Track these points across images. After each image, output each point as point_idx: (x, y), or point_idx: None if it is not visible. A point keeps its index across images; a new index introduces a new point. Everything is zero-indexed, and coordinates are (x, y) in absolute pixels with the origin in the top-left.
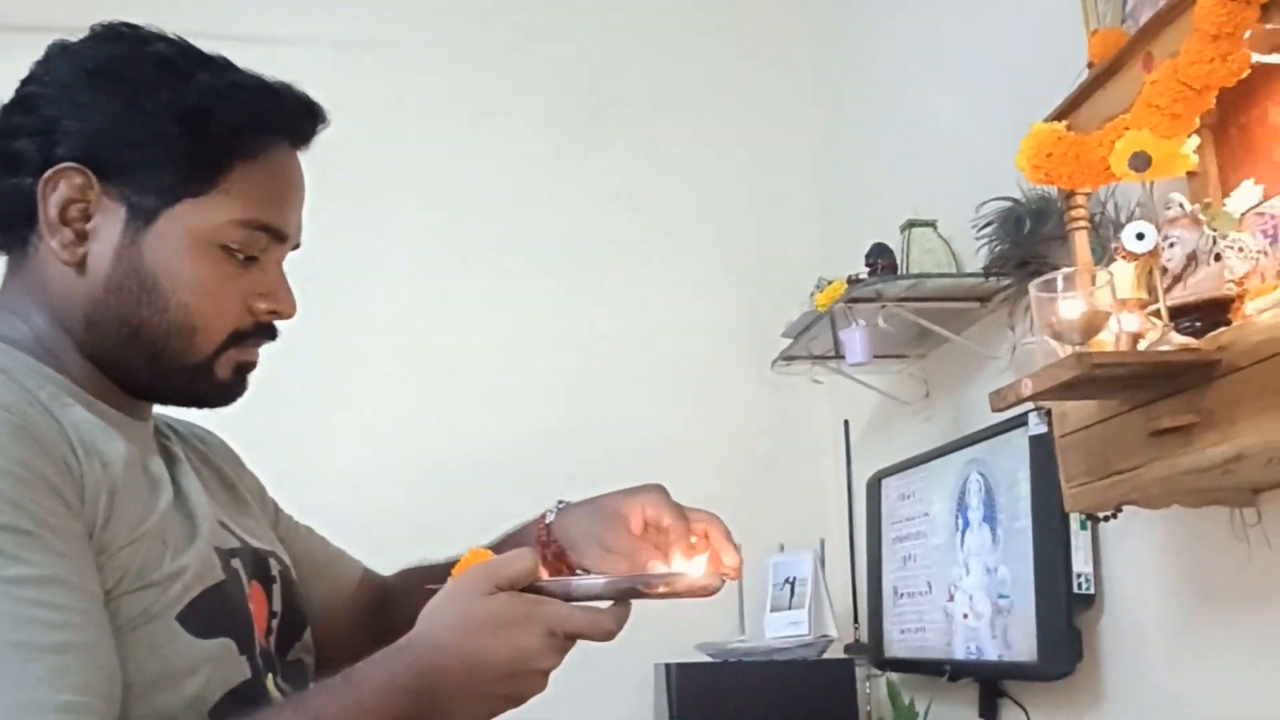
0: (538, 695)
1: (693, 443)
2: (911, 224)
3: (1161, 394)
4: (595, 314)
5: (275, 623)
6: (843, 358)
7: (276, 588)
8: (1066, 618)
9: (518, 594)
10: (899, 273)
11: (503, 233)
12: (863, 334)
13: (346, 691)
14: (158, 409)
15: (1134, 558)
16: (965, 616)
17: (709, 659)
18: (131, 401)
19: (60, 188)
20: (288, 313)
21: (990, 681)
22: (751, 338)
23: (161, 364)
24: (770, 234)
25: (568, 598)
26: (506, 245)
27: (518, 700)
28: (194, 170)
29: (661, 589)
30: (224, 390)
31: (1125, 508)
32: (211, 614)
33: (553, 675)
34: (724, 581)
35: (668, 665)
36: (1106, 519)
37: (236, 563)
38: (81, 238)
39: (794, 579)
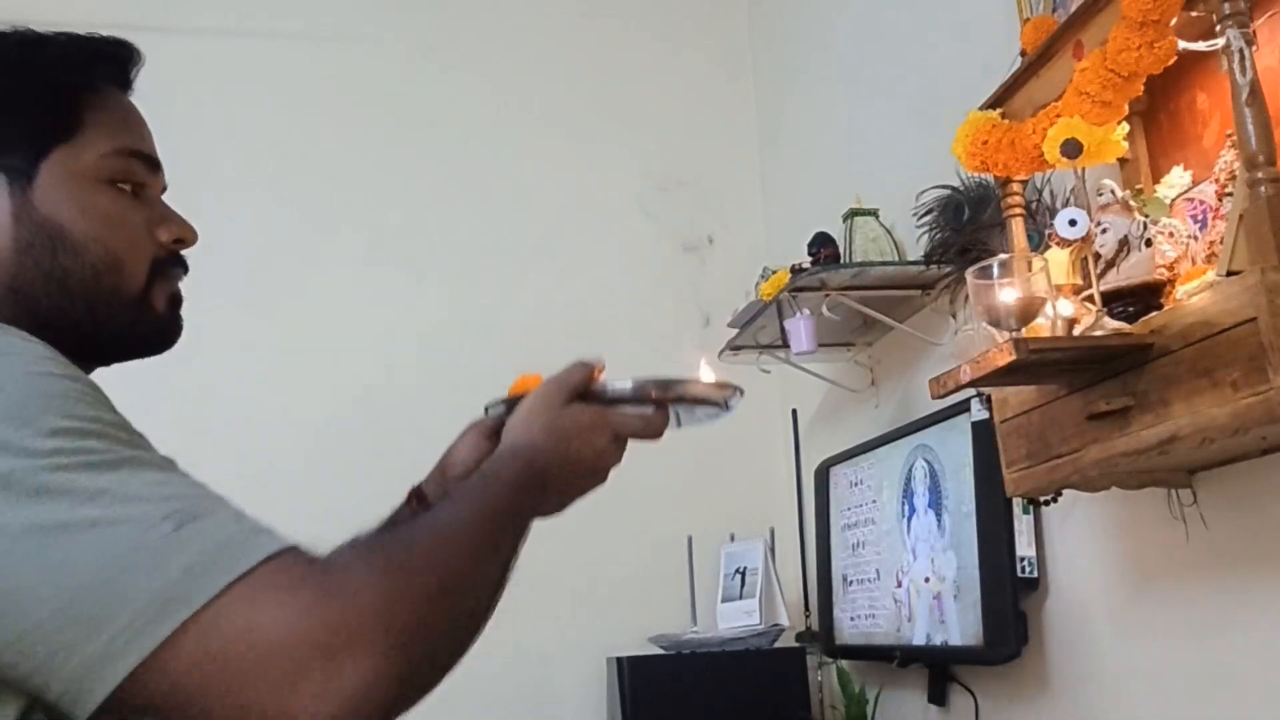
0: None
1: None
2: (854, 213)
3: (1098, 378)
4: (538, 304)
5: None
6: (789, 347)
7: None
8: (1012, 602)
9: (585, 404)
10: (842, 261)
11: (437, 219)
12: (808, 323)
13: (482, 490)
14: None
15: (1075, 541)
16: (913, 604)
17: (661, 651)
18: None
19: None
20: (191, 238)
21: (939, 667)
22: (697, 327)
23: (100, 307)
24: (714, 224)
25: (611, 400)
26: (440, 232)
27: (592, 487)
28: (48, 119)
29: (682, 392)
30: (165, 326)
31: (1066, 491)
32: None
33: (507, 671)
34: (736, 395)
35: (619, 659)
36: (1047, 503)
37: None
38: None
39: (745, 568)
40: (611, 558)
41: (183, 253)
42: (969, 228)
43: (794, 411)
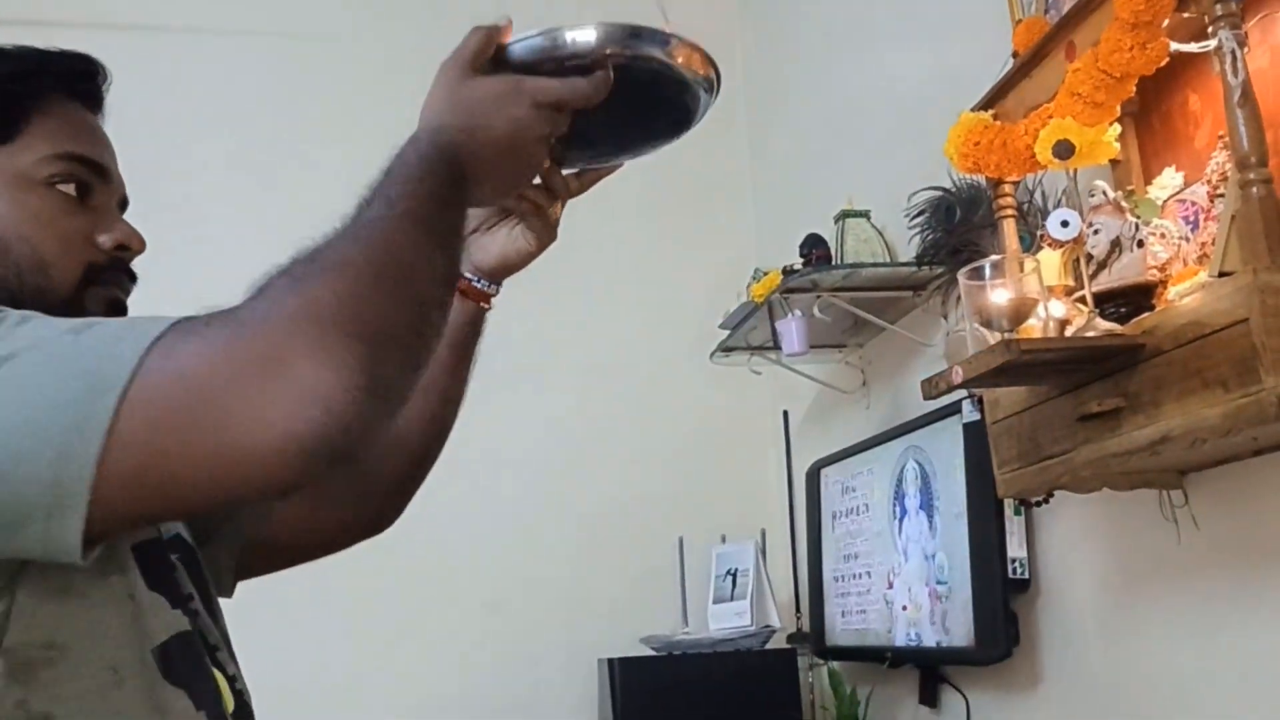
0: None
1: (632, 436)
2: (845, 214)
3: (1089, 379)
4: (528, 308)
5: (195, 604)
6: (780, 348)
7: (180, 575)
8: (1003, 603)
9: (496, 74)
10: (834, 263)
11: None
12: (799, 324)
13: (391, 185)
14: None
15: (1066, 542)
16: (904, 605)
17: (653, 652)
18: None
19: None
20: (136, 246)
21: (930, 667)
22: (689, 330)
23: (25, 306)
24: (705, 226)
25: (520, 61)
26: None
27: (528, 168)
28: None
29: (628, 50)
30: None
31: (1057, 492)
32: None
33: (499, 671)
34: (707, 79)
35: (611, 660)
36: (1039, 504)
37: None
38: None
39: (736, 570)
40: (602, 559)
41: (135, 263)
42: (960, 229)
43: (785, 413)
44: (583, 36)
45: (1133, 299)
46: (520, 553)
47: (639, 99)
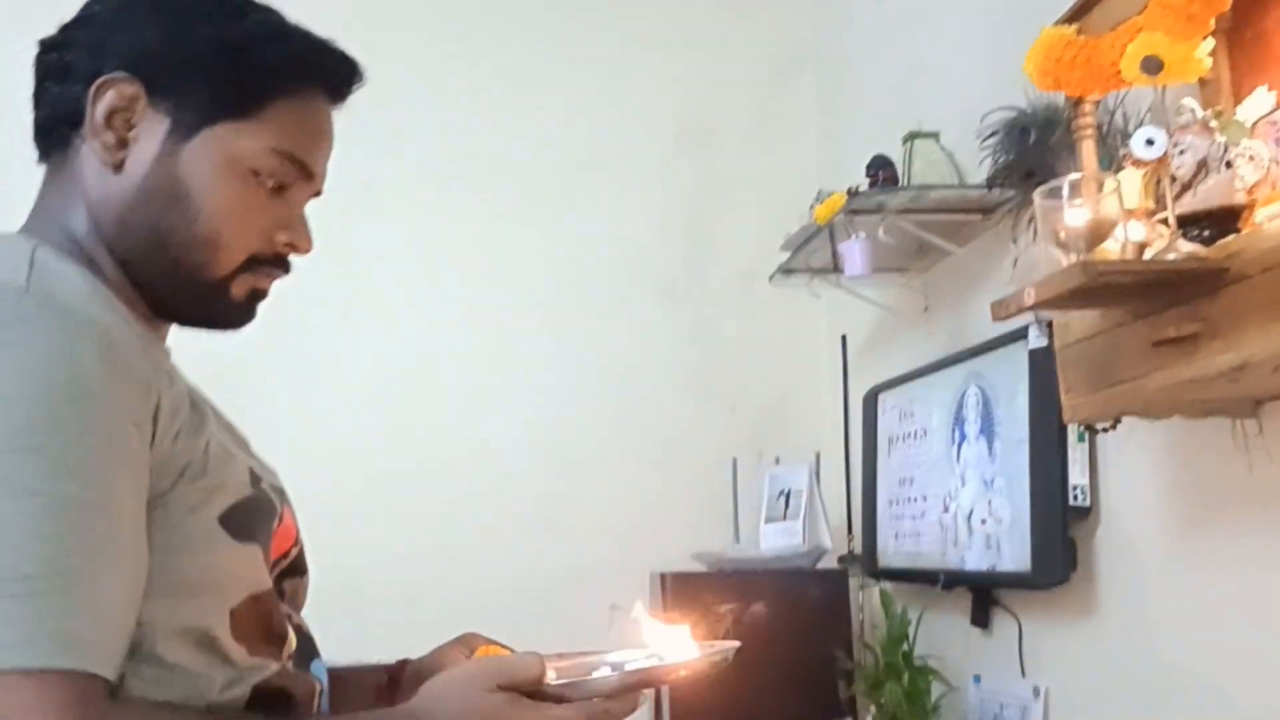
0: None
1: (689, 357)
2: (914, 136)
3: (1167, 304)
4: (586, 225)
5: (294, 551)
6: (841, 271)
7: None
8: (1062, 528)
9: (516, 696)
10: (900, 184)
11: (489, 144)
12: (863, 246)
13: None
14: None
15: (1131, 470)
16: (959, 528)
17: (704, 569)
18: (154, 322)
19: (109, 95)
20: (304, 248)
21: (983, 590)
22: (749, 251)
23: (181, 275)
24: (769, 146)
25: (566, 698)
26: (492, 158)
27: None
28: (236, 97)
29: (672, 679)
30: (235, 312)
31: (1125, 419)
32: (246, 521)
33: (552, 583)
34: (725, 659)
35: (663, 574)
36: (1105, 430)
37: (265, 486)
38: (123, 144)
39: (789, 491)
40: (657, 477)
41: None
42: (1034, 151)
43: (843, 338)
44: (622, 688)
45: (1217, 222)
46: (576, 469)
47: None
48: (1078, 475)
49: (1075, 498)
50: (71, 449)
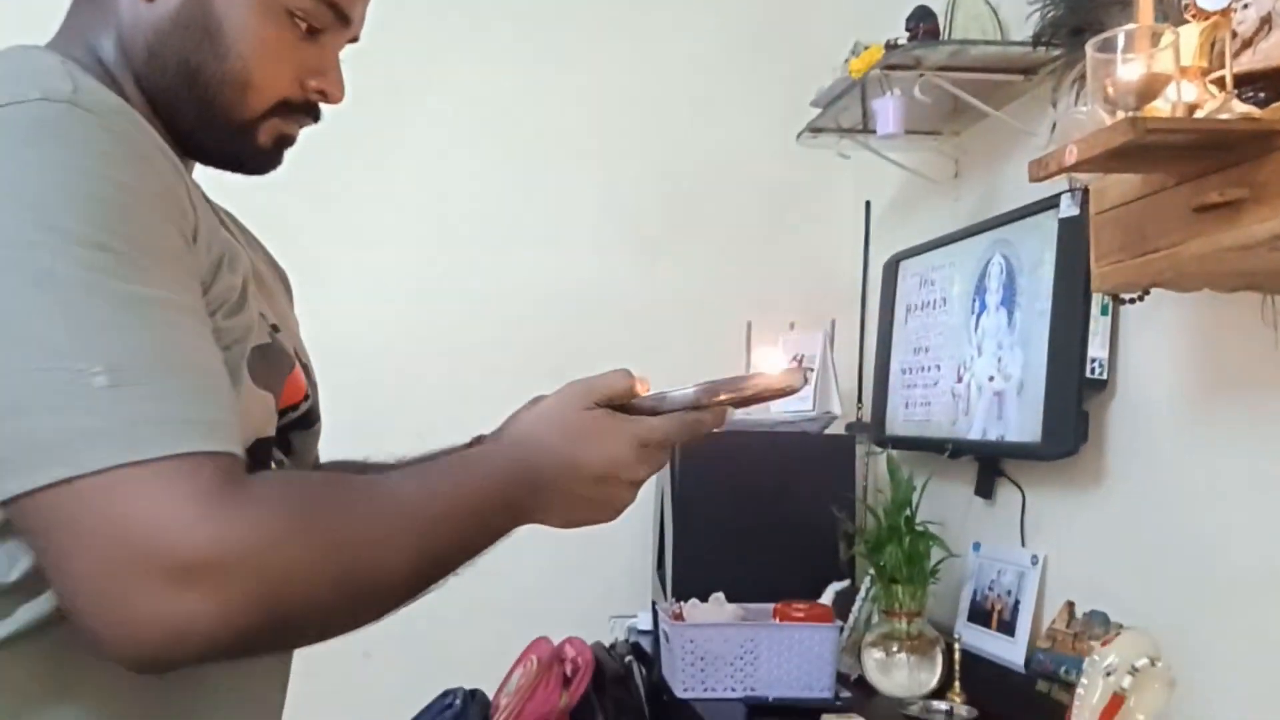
0: (628, 491)
1: (708, 215)
2: None
3: (1213, 167)
4: (612, 66)
5: (304, 405)
6: (872, 131)
7: (309, 382)
8: (1076, 400)
9: (611, 411)
10: (941, 39)
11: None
12: (897, 103)
13: (460, 470)
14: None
15: (1153, 344)
16: (971, 398)
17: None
18: (180, 157)
19: None
20: (336, 96)
21: (990, 460)
22: (778, 106)
23: (209, 113)
24: None
25: (658, 411)
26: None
27: (609, 508)
28: None
29: (749, 392)
30: (262, 156)
31: (1152, 292)
32: (265, 366)
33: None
34: (805, 380)
35: None
36: (1133, 301)
37: (281, 336)
38: None
39: (802, 357)
40: (669, 338)
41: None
42: (1085, 6)
43: (867, 203)
44: (709, 397)
45: (1275, 84)
46: (588, 329)
47: None
48: (1097, 348)
49: (1093, 371)
50: (142, 244)
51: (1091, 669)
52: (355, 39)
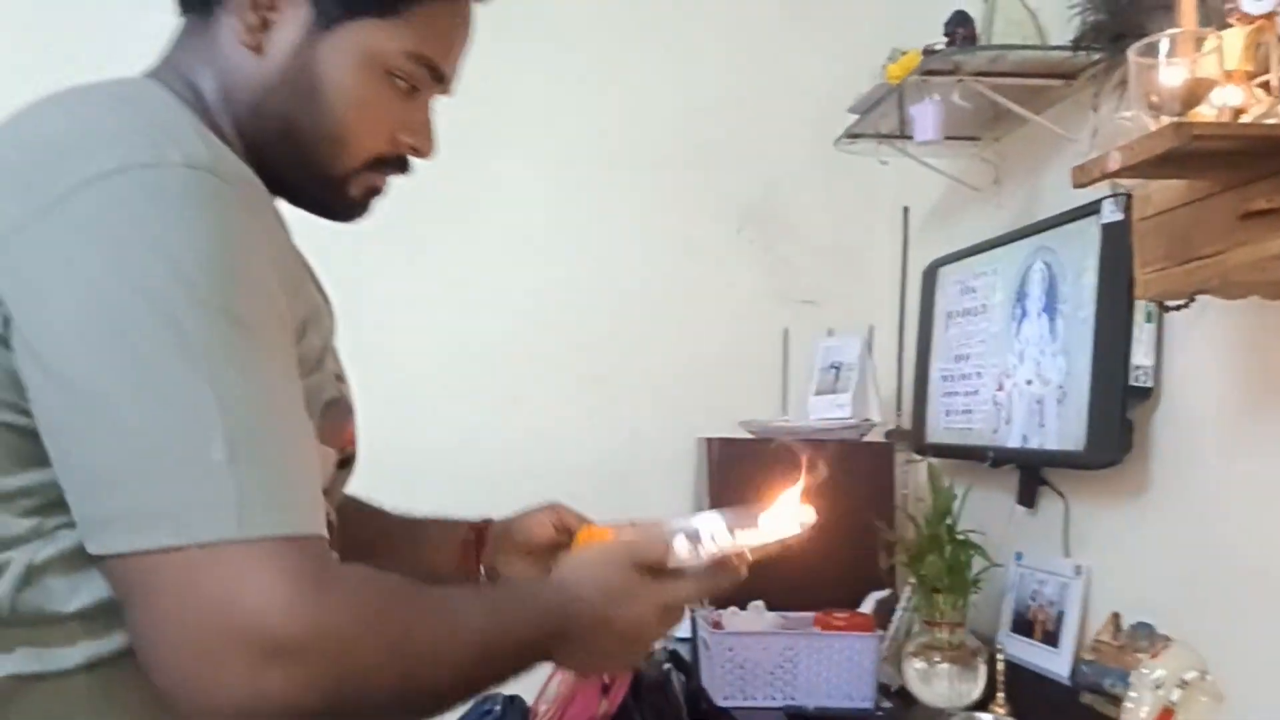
0: (644, 648)
1: (745, 221)
2: None
3: (1259, 174)
4: (647, 80)
5: (349, 451)
6: (910, 137)
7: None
8: (1120, 408)
9: (646, 573)
10: (980, 44)
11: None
12: (935, 109)
13: (512, 605)
14: None
15: (1199, 351)
16: (1013, 406)
17: (750, 435)
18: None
19: None
20: (427, 152)
21: (1032, 469)
22: (815, 112)
23: (305, 166)
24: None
25: (684, 574)
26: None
27: (622, 663)
28: None
29: (773, 547)
30: (350, 208)
31: (1198, 299)
32: (330, 422)
33: (603, 445)
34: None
35: (710, 439)
36: (1179, 308)
37: (345, 387)
38: (264, 25)
39: (840, 364)
40: (708, 344)
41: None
42: (1127, 11)
43: (905, 209)
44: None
45: None
46: (627, 331)
47: None
48: (1141, 356)
49: (1137, 379)
50: (268, 322)
51: (1139, 682)
52: (447, 93)
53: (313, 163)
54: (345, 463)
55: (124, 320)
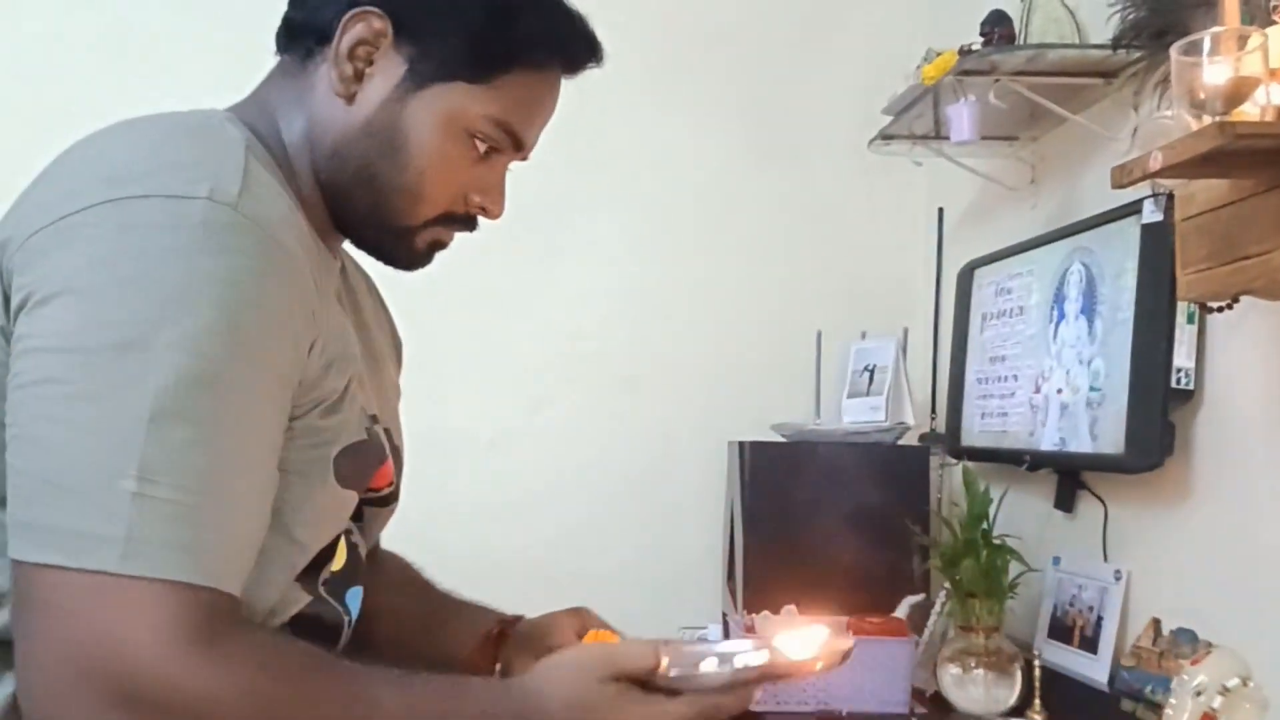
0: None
1: (778, 223)
2: None
3: None
4: (677, 81)
5: (388, 489)
6: (946, 138)
7: (395, 465)
8: (1161, 411)
9: (627, 687)
10: (1017, 43)
11: None
12: (971, 110)
13: (450, 697)
14: None
15: (1243, 353)
16: (1050, 409)
17: (783, 439)
18: (332, 236)
19: (359, 27)
20: (496, 214)
21: (1069, 473)
22: (849, 113)
23: (377, 215)
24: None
25: (679, 690)
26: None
27: None
28: (480, 61)
29: (780, 675)
30: (414, 259)
31: (1242, 299)
32: (354, 465)
33: (635, 446)
34: (843, 660)
35: (742, 442)
36: (1221, 309)
37: (377, 429)
38: (359, 77)
39: (874, 366)
40: (740, 347)
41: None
42: (1168, 8)
43: (940, 210)
44: (719, 679)
45: None
46: (659, 333)
47: None
48: (1183, 358)
49: (1179, 381)
50: (242, 368)
51: (1181, 688)
52: (524, 160)
53: (386, 212)
54: (385, 500)
55: (90, 339)
